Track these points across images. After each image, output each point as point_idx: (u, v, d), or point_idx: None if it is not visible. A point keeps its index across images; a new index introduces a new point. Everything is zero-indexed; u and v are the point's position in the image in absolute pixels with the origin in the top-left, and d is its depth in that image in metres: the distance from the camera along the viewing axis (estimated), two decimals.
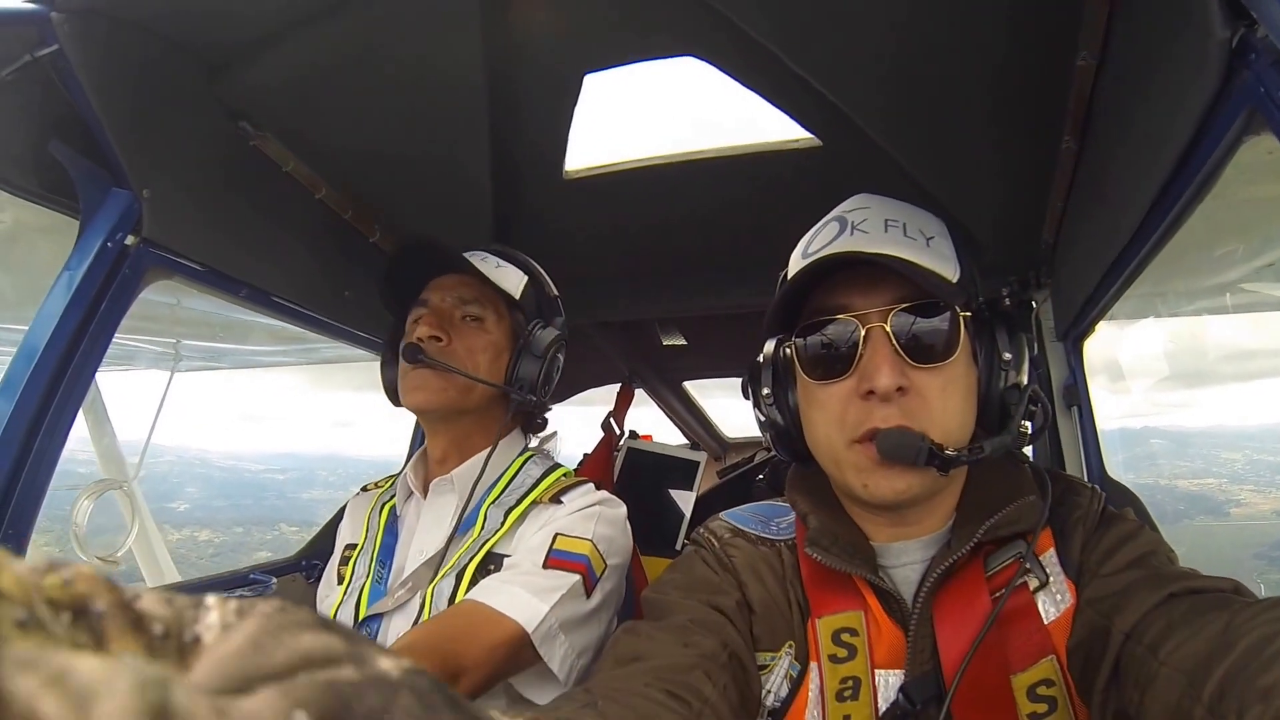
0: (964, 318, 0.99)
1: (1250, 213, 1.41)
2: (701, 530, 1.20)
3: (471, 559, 1.42)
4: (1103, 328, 1.83)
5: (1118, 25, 1.20)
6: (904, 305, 0.98)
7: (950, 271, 1.03)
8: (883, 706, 0.97)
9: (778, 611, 1.07)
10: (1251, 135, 0.92)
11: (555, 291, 1.70)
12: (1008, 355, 1.02)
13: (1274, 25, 0.78)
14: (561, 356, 1.63)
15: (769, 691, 1.03)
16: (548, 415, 1.72)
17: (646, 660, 0.94)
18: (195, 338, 2.71)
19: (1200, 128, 0.98)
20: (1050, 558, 1.00)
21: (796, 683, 1.02)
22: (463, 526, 1.49)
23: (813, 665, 1.02)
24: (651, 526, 3.28)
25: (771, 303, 1.05)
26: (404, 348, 1.50)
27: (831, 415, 1.01)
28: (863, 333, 0.98)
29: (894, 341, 0.97)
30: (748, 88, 1.64)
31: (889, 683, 0.98)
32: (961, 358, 0.99)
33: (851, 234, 1.05)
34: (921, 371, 0.97)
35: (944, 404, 0.97)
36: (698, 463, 3.52)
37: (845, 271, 1.01)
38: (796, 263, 1.10)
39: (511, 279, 1.60)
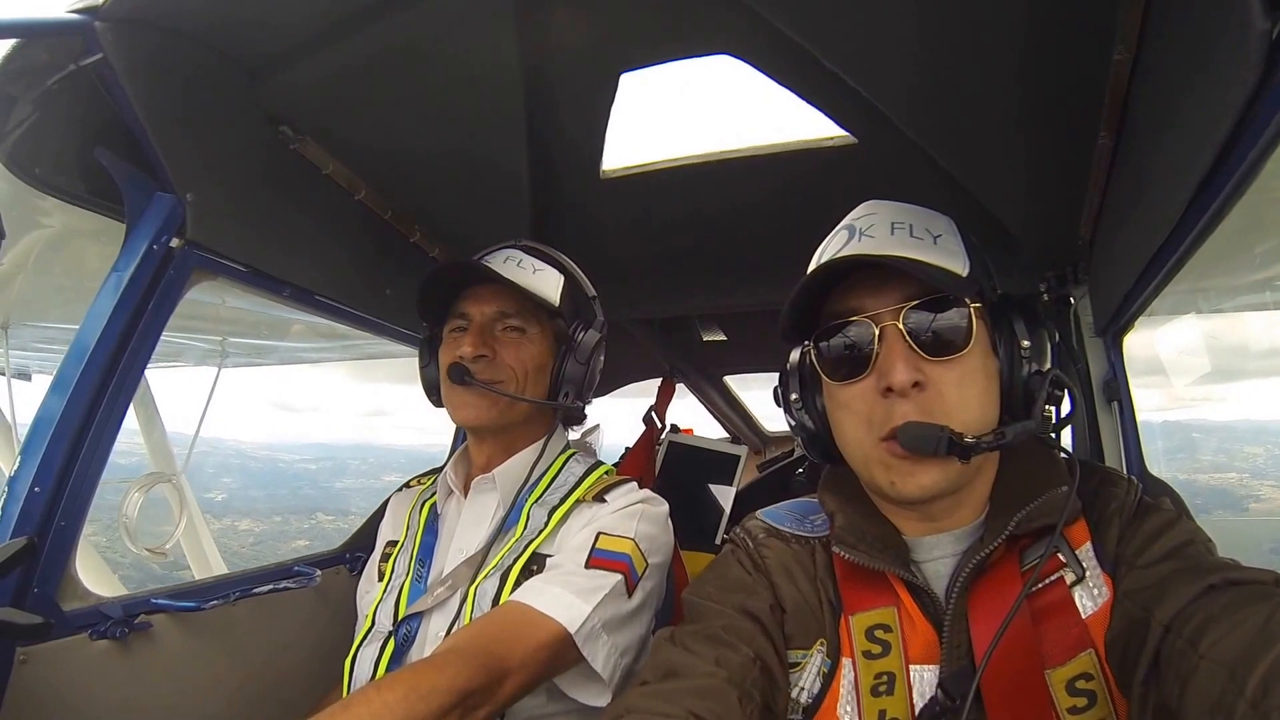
0: (975, 309, 1.01)
1: None
2: (738, 530, 1.23)
3: (516, 560, 1.44)
4: (1140, 323, 1.81)
5: (1154, 19, 1.19)
6: (914, 302, 1.00)
7: (959, 266, 1.05)
8: (918, 702, 0.98)
9: (809, 610, 1.09)
10: None
11: (593, 291, 1.70)
12: (1026, 343, 1.03)
13: None
14: (602, 356, 1.64)
15: (801, 689, 1.05)
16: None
17: (682, 677, 0.98)
18: (241, 335, 2.76)
19: (1240, 121, 0.96)
20: (1086, 551, 1.01)
21: (829, 678, 1.04)
22: (504, 526, 1.51)
23: (845, 661, 1.04)
24: (692, 521, 3.29)
25: (783, 309, 1.08)
26: (450, 368, 1.52)
27: (858, 415, 1.03)
28: (877, 332, 1.01)
29: (907, 338, 1.00)
30: (783, 86, 1.64)
31: (924, 678, 0.99)
32: (977, 349, 1.01)
33: (860, 240, 1.08)
34: (937, 365, 0.99)
35: (961, 395, 0.99)
36: (738, 457, 3.53)
37: (856, 275, 1.04)
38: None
39: (550, 282, 1.61)
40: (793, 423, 1.21)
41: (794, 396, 1.19)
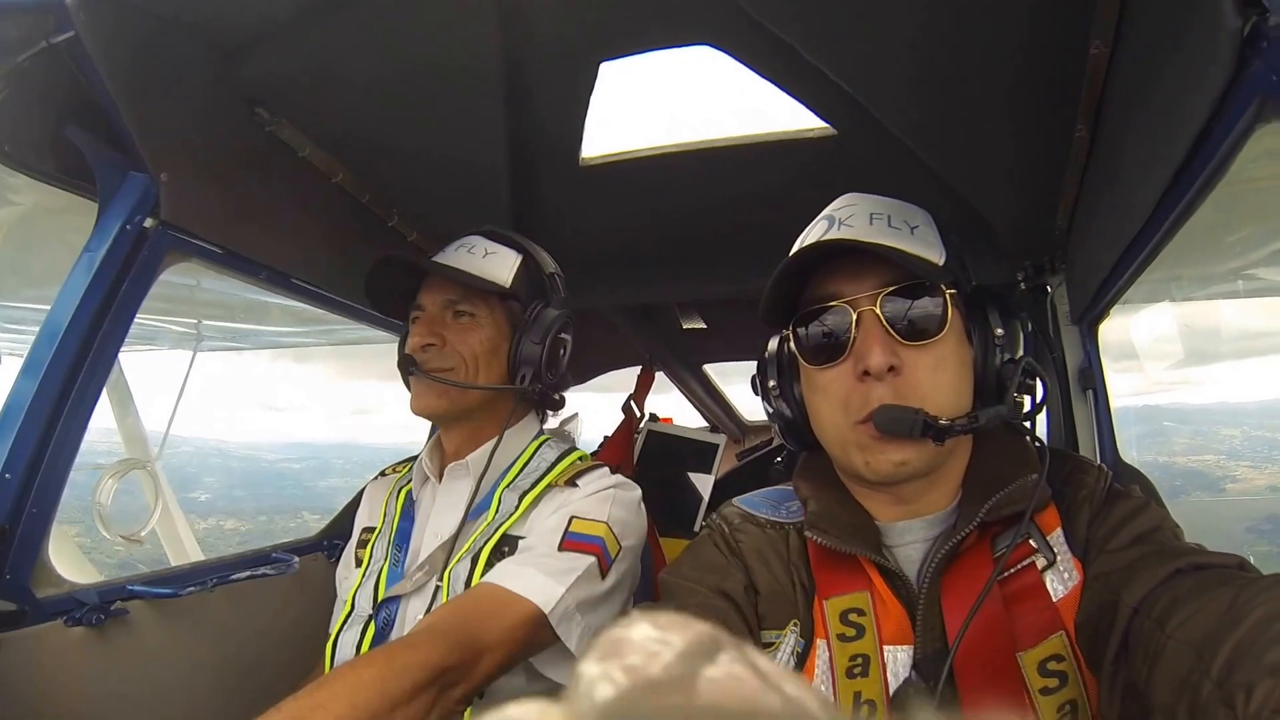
0: (950, 295, 1.03)
1: (1262, 199, 1.41)
2: (714, 516, 1.25)
3: (487, 542, 1.44)
4: (1116, 312, 1.83)
5: (1130, 14, 1.20)
6: (891, 289, 1.02)
7: (935, 256, 1.07)
8: (892, 682, 1.00)
9: (782, 593, 1.11)
10: (1263, 123, 0.92)
11: (553, 268, 1.69)
12: (1000, 331, 1.06)
13: None
14: (568, 335, 1.63)
15: None
16: (565, 395, 1.73)
17: None
18: (217, 318, 2.74)
19: (1212, 116, 0.98)
20: (1057, 537, 1.03)
21: (802, 659, 1.06)
22: (476, 510, 1.51)
23: (819, 642, 1.06)
24: (671, 508, 3.32)
25: (764, 292, 1.09)
26: (400, 359, 1.55)
27: (835, 399, 1.05)
28: (854, 316, 1.03)
29: (884, 323, 1.02)
30: (763, 77, 1.64)
31: (897, 658, 1.01)
32: (951, 335, 1.03)
33: (839, 229, 1.11)
34: (913, 350, 1.01)
35: (935, 380, 1.01)
36: (717, 445, 3.55)
37: (835, 261, 1.07)
38: None
39: (505, 263, 1.60)
40: (770, 410, 1.23)
41: (771, 383, 1.20)
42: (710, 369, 4.23)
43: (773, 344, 1.23)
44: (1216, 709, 0.66)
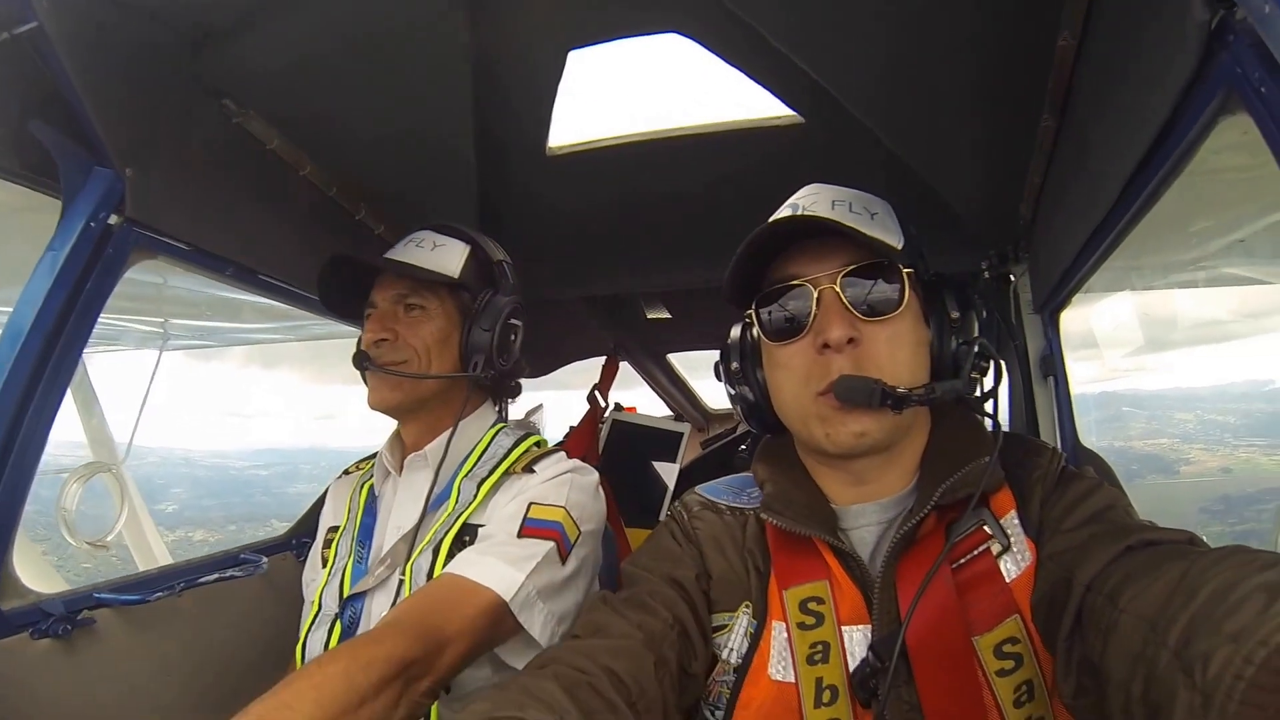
0: (908, 275, 1.07)
1: (1223, 191, 1.44)
2: (676, 504, 1.30)
3: (447, 532, 1.45)
4: (1078, 300, 1.87)
5: (1099, 5, 1.23)
6: (851, 268, 1.06)
7: (894, 240, 1.12)
8: (850, 662, 1.03)
9: (735, 577, 1.16)
10: (1227, 115, 0.94)
11: (502, 256, 1.70)
12: (955, 314, 1.11)
13: (1252, 7, 0.80)
14: (518, 321, 1.64)
15: (731, 650, 1.11)
16: (520, 382, 1.75)
17: (605, 636, 1.05)
18: (183, 316, 2.69)
19: (1177, 108, 1.00)
20: (1011, 519, 1.06)
21: (755, 639, 1.10)
22: (435, 501, 1.52)
23: (774, 624, 1.09)
24: (636, 499, 3.33)
25: (727, 272, 1.13)
26: (355, 356, 1.56)
27: (796, 373, 1.09)
28: (815, 294, 1.07)
29: (844, 300, 1.06)
30: (731, 64, 1.65)
31: (854, 638, 1.04)
32: (908, 313, 1.08)
33: (801, 214, 1.14)
34: (871, 325, 1.05)
35: (892, 354, 1.05)
36: (681, 434, 3.57)
37: (797, 244, 1.11)
38: None
39: (453, 255, 1.61)
40: (732, 393, 1.26)
41: (734, 366, 1.24)
42: (675, 359, 4.24)
43: (735, 331, 1.26)
44: (1175, 677, 0.68)
